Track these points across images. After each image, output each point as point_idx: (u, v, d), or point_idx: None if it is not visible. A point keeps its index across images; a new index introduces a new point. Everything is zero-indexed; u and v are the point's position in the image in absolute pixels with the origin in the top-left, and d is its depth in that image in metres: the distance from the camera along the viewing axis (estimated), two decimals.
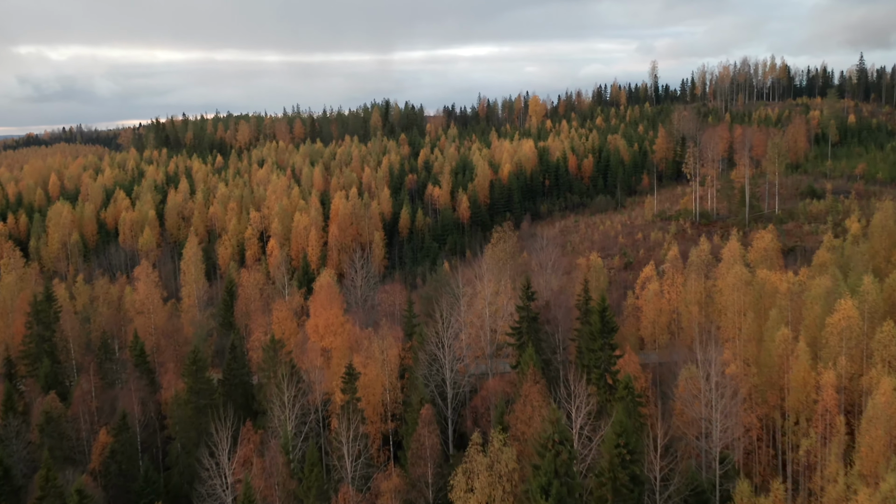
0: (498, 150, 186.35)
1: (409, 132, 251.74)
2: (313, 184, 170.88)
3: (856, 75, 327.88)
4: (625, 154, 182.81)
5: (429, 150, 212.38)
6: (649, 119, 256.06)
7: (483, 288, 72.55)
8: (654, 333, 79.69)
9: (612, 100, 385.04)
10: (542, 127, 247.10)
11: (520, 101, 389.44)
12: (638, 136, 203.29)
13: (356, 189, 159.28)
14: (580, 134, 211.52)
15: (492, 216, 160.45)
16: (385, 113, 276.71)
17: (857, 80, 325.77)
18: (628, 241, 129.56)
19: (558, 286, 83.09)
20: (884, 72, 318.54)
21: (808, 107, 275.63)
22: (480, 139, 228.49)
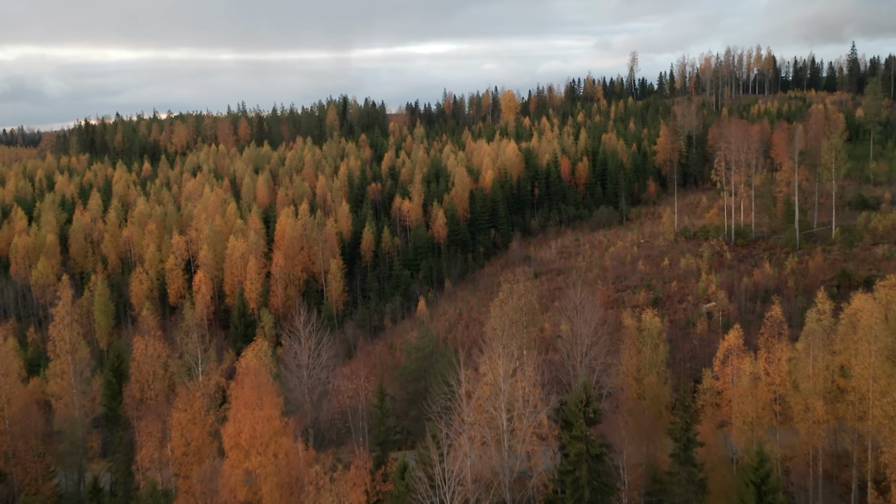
0: (476, 154, 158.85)
1: (371, 132, 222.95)
2: (256, 197, 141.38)
3: (847, 66, 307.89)
4: (624, 156, 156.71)
5: (394, 154, 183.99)
6: (638, 115, 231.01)
7: (495, 377, 45.14)
8: (751, 437, 53.02)
9: (586, 95, 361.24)
10: (520, 125, 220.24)
11: (488, 97, 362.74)
12: (634, 134, 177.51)
13: (308, 204, 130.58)
14: (568, 133, 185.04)
15: (473, 234, 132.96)
16: (342, 111, 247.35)
17: (850, 71, 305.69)
18: (651, 268, 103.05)
19: (605, 366, 55.55)
20: (878, 62, 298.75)
21: (805, 100, 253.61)
22: (452, 140, 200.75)
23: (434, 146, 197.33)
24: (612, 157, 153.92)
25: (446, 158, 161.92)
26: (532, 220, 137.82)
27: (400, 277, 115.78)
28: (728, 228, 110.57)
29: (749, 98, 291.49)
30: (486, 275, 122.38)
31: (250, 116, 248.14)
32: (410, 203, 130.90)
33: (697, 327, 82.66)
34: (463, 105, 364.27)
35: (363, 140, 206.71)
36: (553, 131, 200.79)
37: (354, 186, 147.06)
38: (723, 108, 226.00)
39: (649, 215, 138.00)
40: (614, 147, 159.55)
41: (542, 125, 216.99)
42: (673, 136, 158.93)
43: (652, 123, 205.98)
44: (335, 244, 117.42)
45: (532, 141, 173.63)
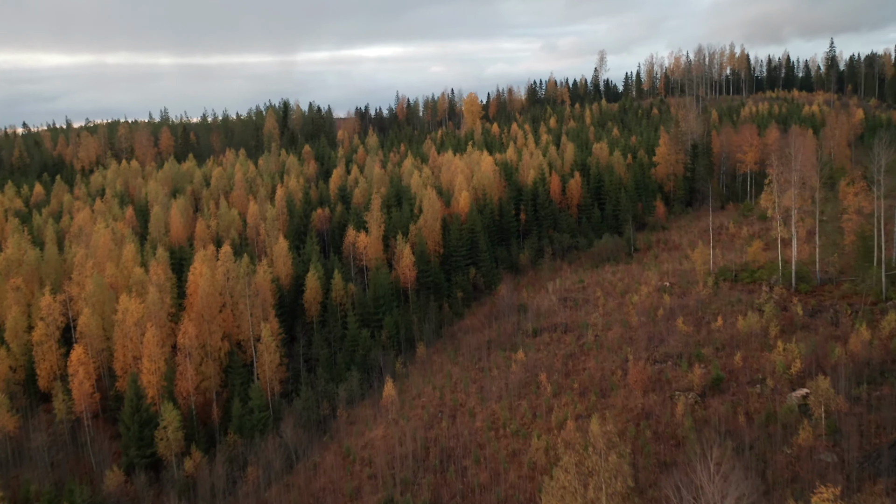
0: (445, 170, 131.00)
1: (316, 142, 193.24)
2: (169, 230, 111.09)
3: (824, 64, 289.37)
4: (621, 170, 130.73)
5: (344, 169, 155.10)
6: (616, 120, 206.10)
7: None
8: None
9: (549, 97, 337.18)
10: (487, 133, 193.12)
11: (444, 101, 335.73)
12: (626, 143, 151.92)
13: (238, 236, 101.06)
14: (548, 142, 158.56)
15: (448, 274, 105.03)
16: (283, 117, 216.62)
17: (829, 70, 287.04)
18: (694, 327, 76.69)
19: None
20: (858, 60, 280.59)
21: (793, 101, 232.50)
22: (412, 151, 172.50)
23: (391, 158, 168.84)
24: (609, 172, 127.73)
25: (408, 175, 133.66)
26: (520, 253, 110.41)
27: (356, 340, 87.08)
28: (784, 269, 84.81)
29: (725, 99, 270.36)
30: (468, 329, 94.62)
31: (174, 124, 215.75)
32: (367, 237, 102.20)
33: (799, 436, 56.27)
34: (417, 109, 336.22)
35: (307, 152, 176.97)
36: (528, 139, 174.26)
37: (296, 213, 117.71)
38: (711, 112, 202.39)
39: (662, 244, 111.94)
40: (609, 159, 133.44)
41: (514, 132, 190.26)
42: (676, 146, 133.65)
43: (637, 129, 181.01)
44: (269, 297, 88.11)
45: (508, 152, 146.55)
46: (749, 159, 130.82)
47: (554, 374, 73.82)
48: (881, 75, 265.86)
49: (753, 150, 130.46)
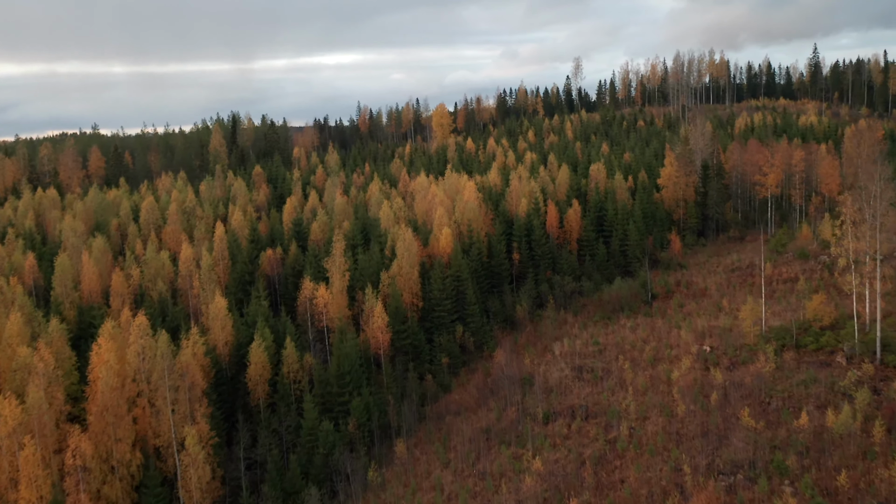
0: (421, 198, 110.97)
1: (269, 161, 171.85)
2: (80, 283, 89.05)
3: (808, 71, 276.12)
4: (624, 196, 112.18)
5: (300, 194, 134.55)
6: (602, 133, 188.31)
7: None
8: None
9: (519, 106, 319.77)
10: (462, 150, 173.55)
11: (409, 111, 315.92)
12: (622, 163, 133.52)
13: (159, 302, 79.73)
14: (534, 161, 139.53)
15: (431, 333, 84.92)
16: (232, 133, 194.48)
17: (813, 77, 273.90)
18: (766, 423, 57.69)
19: None
20: (841, 67, 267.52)
21: (785, 110, 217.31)
22: (379, 171, 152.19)
23: (354, 181, 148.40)
24: (611, 199, 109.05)
25: (376, 205, 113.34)
26: (516, 304, 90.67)
27: (316, 435, 66.54)
28: (862, 333, 66.40)
29: (709, 108, 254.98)
30: (458, 409, 74.63)
31: (106, 139, 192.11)
32: (328, 291, 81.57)
33: None
34: (380, 120, 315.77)
35: (258, 174, 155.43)
36: (507, 155, 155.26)
37: (240, 257, 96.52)
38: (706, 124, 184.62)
39: (683, 289, 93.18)
40: (609, 183, 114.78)
41: (491, 148, 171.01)
42: (685, 166, 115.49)
43: (627, 143, 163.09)
44: (200, 380, 66.98)
45: (491, 175, 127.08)
46: (770, 182, 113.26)
47: (584, 493, 54.27)
48: (870, 82, 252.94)
49: (775, 172, 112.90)
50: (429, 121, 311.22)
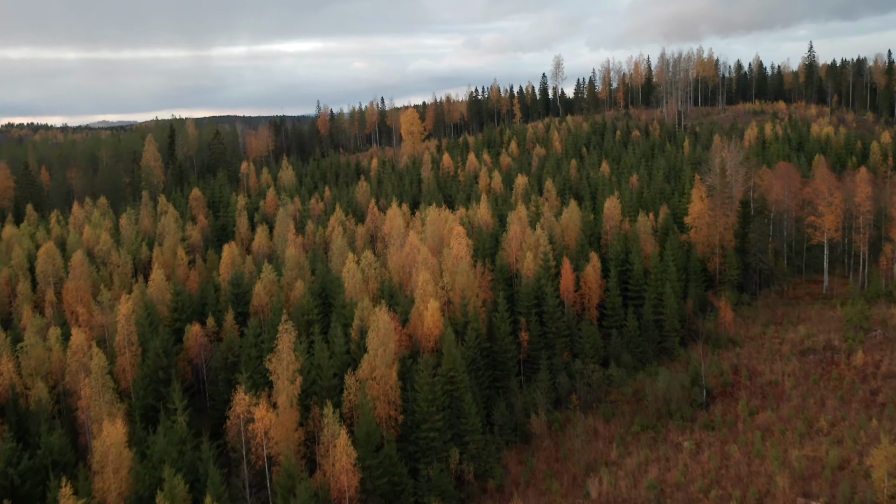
0: (395, 249, 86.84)
1: (210, 181, 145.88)
2: None
3: (803, 71, 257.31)
4: (649, 244, 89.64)
5: (246, 226, 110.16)
6: (594, 145, 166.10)
7: None
8: None
9: (492, 107, 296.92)
10: (439, 170, 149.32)
11: (373, 112, 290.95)
12: (631, 192, 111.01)
13: (37, 409, 55.12)
14: (530, 191, 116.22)
15: (415, 463, 61.25)
16: (169, 143, 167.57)
17: (808, 78, 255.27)
18: None
19: None
20: (838, 67, 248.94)
21: (791, 117, 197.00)
22: (342, 199, 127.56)
23: (312, 208, 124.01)
24: (636, 250, 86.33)
25: (339, 255, 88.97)
26: (530, 410, 67.38)
27: None
28: None
29: (700, 112, 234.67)
30: None
31: (16, 150, 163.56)
32: (272, 410, 57.30)
33: None
34: (342, 122, 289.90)
35: (196, 198, 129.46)
36: (492, 176, 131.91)
37: (155, 341, 71.20)
38: (693, 129, 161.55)
39: (744, 381, 70.70)
40: (632, 229, 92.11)
41: (471, 166, 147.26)
42: (723, 204, 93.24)
43: (631, 160, 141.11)
44: None
45: (480, 211, 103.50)
46: (829, 224, 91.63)
47: None
48: (872, 84, 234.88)
49: (834, 213, 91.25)
50: (395, 121, 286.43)
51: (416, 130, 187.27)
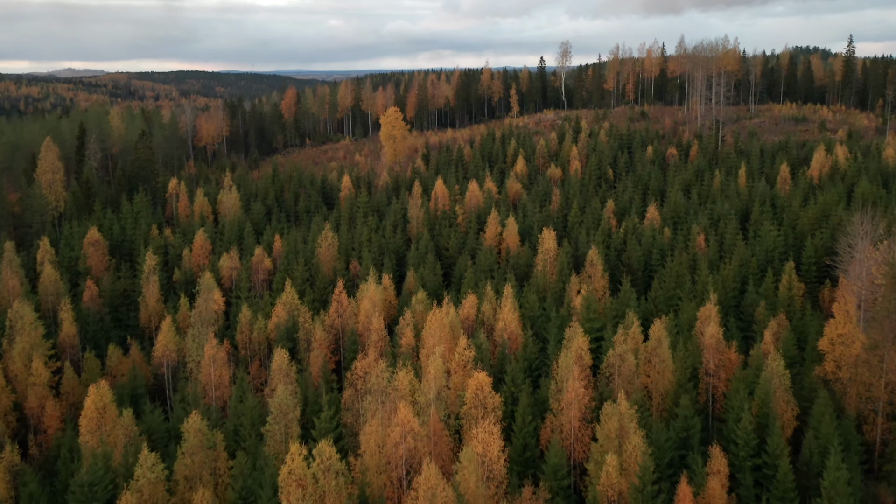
0: (371, 433, 50.90)
1: (124, 211, 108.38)
2: None
3: (841, 69, 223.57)
4: (782, 401, 55.53)
5: (157, 310, 74.13)
6: (622, 167, 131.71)
7: None
8: None
9: (483, 93, 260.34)
10: (427, 194, 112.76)
11: (346, 92, 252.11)
12: (716, 283, 76.48)
13: None
14: (564, 265, 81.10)
15: None
16: (78, 146, 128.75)
17: (846, 76, 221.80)
18: None
19: None
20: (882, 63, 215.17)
21: (852, 128, 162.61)
22: (296, 267, 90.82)
23: (255, 268, 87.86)
24: (774, 427, 52.15)
25: (277, 415, 53.39)
26: None
27: None
28: None
29: (727, 112, 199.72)
30: None
31: None
32: None
33: None
34: (309, 103, 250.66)
35: (94, 244, 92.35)
36: (507, 228, 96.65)
37: None
38: (738, 145, 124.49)
39: None
40: (760, 381, 57.66)
41: (471, 199, 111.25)
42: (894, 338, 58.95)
43: (689, 206, 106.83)
44: None
45: (502, 312, 68.28)
46: None
47: None
48: None
49: None
50: (371, 105, 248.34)
51: (398, 134, 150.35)
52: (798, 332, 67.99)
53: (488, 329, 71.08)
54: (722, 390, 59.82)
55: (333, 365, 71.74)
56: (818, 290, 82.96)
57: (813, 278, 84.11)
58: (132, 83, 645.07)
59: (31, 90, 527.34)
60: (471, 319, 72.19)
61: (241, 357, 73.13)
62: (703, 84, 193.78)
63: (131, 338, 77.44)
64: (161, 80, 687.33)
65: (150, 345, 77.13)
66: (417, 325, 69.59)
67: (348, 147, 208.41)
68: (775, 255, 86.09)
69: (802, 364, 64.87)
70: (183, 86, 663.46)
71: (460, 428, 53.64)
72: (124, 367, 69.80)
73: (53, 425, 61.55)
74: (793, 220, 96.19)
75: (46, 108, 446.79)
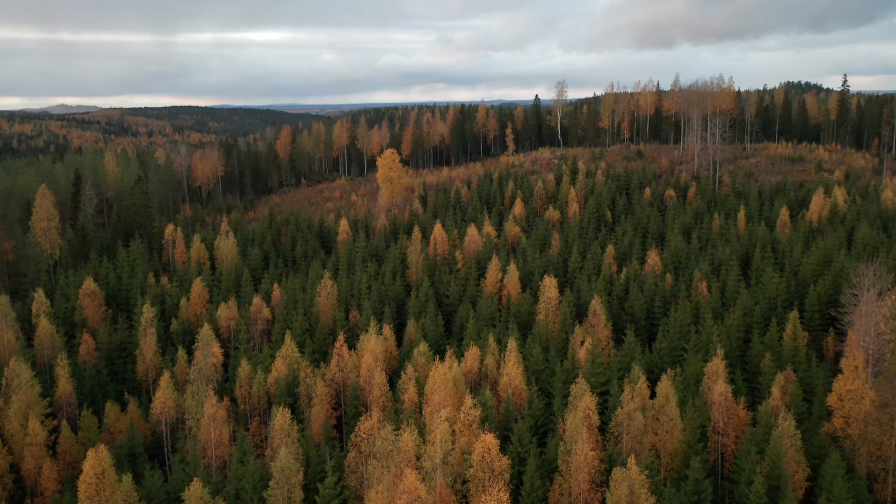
0: (376, 499, 49.82)
1: (120, 259, 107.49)
2: None
3: (836, 108, 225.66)
4: (793, 461, 54.72)
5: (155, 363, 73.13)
6: (620, 210, 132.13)
7: None
8: None
9: (477, 131, 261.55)
10: (428, 245, 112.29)
11: (342, 132, 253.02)
12: (721, 337, 75.94)
13: None
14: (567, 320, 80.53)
15: None
16: (74, 193, 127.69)
17: (840, 114, 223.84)
18: None
19: None
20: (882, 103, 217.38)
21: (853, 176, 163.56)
22: (295, 316, 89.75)
23: (253, 318, 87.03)
24: (786, 488, 51.25)
25: (279, 477, 52.25)
26: None
27: None
28: None
29: (723, 152, 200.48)
30: None
31: None
32: None
33: None
34: (303, 143, 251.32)
35: (90, 294, 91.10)
36: (508, 273, 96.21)
37: None
38: (735, 187, 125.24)
39: None
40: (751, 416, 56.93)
41: (470, 243, 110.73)
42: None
43: (690, 251, 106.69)
44: None
45: (506, 366, 67.33)
46: None
47: None
48: None
49: None
50: (366, 143, 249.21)
51: (395, 176, 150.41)
52: (804, 385, 67.18)
53: (492, 383, 70.13)
54: (732, 449, 58.87)
55: (335, 420, 70.56)
56: (822, 339, 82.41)
57: (816, 327, 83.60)
58: (125, 119, 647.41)
59: (24, 128, 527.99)
60: (474, 373, 71.30)
61: (240, 413, 71.88)
62: (699, 123, 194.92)
63: (128, 393, 76.23)
64: (154, 115, 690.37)
65: (147, 400, 75.85)
66: (420, 379, 68.66)
67: (344, 186, 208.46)
68: (778, 302, 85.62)
69: (810, 419, 63.98)
70: (176, 121, 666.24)
71: (467, 492, 52.47)
72: (122, 424, 68.51)
73: (51, 488, 60.08)
74: (794, 267, 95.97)
75: (39, 146, 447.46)
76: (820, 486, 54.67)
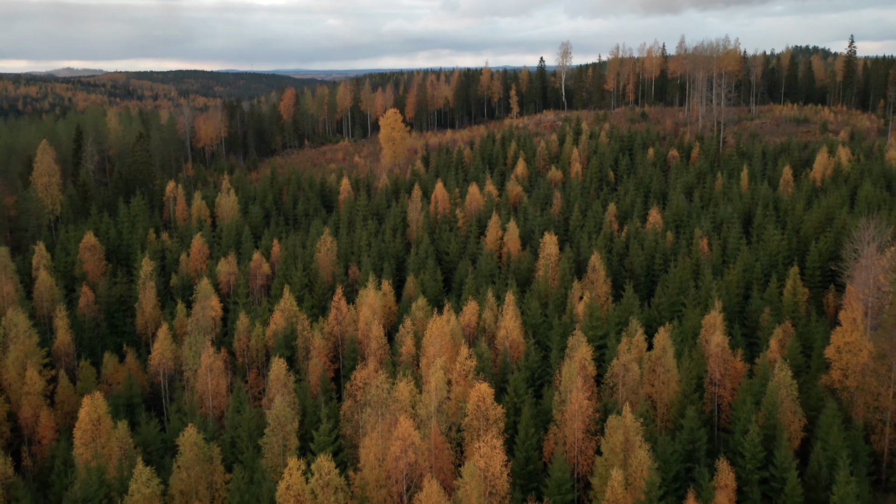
0: (371, 446, 49.89)
1: (120, 215, 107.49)
2: None
3: (842, 69, 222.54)
4: (789, 411, 54.79)
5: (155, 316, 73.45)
6: (623, 170, 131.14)
7: None
8: None
9: (483, 94, 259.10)
10: (429, 201, 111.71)
11: (346, 94, 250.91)
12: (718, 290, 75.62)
13: None
14: (565, 274, 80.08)
15: None
16: (75, 149, 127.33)
17: (846, 75, 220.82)
18: None
19: None
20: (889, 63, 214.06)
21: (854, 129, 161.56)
22: (295, 271, 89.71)
23: (253, 274, 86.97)
24: (782, 438, 51.39)
25: (275, 427, 52.49)
26: None
27: None
28: None
29: (728, 113, 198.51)
30: None
31: None
32: None
33: None
34: (307, 104, 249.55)
35: (90, 248, 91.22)
36: (508, 231, 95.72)
37: None
38: (739, 148, 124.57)
39: None
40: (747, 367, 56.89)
41: (472, 202, 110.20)
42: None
43: (692, 210, 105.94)
44: None
45: (504, 320, 67.21)
46: None
47: None
48: None
49: None
50: (370, 106, 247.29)
51: (397, 136, 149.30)
52: (803, 339, 66.97)
53: (490, 336, 70.10)
54: (728, 400, 58.84)
55: (332, 373, 70.72)
56: (822, 296, 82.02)
57: (817, 283, 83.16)
58: (131, 83, 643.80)
59: (30, 90, 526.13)
60: (472, 327, 71.24)
61: (238, 365, 72.12)
62: (703, 85, 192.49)
63: (127, 345, 76.48)
64: (160, 79, 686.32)
65: (146, 352, 76.11)
66: (418, 332, 68.61)
67: (347, 148, 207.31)
68: (779, 259, 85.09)
69: (808, 372, 63.84)
70: (181, 85, 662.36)
71: (462, 440, 52.66)
72: (120, 375, 68.84)
73: (48, 436, 60.53)
74: (796, 224, 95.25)
75: (45, 107, 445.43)
76: (816, 436, 54.67)
